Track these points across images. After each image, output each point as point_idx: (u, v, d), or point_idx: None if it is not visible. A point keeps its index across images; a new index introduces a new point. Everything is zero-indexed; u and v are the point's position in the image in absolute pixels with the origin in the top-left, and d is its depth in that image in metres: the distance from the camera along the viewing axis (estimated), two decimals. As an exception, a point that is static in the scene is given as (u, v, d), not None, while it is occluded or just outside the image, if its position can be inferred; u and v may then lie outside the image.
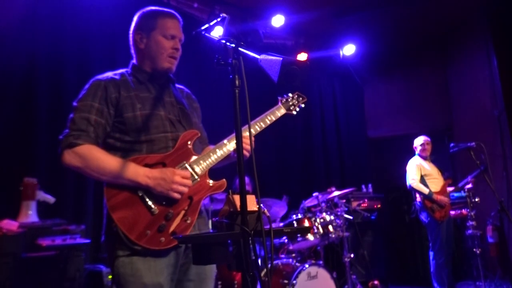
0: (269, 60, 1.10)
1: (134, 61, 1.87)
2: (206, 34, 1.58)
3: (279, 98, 2.10)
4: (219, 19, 1.68)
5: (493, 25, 5.70)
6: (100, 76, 1.77)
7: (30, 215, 3.29)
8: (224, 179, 1.76)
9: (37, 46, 4.08)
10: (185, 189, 1.61)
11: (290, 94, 2.13)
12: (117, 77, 1.77)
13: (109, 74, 1.80)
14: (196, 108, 2.00)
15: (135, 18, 1.87)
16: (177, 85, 1.96)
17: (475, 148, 4.22)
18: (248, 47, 1.31)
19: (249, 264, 1.12)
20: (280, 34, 6.09)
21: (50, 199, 3.49)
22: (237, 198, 1.21)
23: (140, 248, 1.53)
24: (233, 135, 1.79)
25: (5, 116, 3.81)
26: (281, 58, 1.07)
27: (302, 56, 6.29)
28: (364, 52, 6.56)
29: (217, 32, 4.42)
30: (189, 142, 1.73)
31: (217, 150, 1.77)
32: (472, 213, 4.29)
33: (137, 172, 1.57)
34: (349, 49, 6.41)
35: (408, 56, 6.68)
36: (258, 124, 1.94)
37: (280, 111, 2.05)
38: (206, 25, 1.66)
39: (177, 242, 1.54)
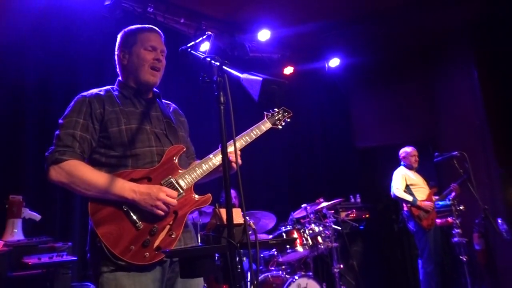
0: (250, 79, 1.15)
1: (120, 78, 1.91)
2: (192, 52, 1.62)
3: (265, 113, 2.15)
4: (204, 37, 1.72)
5: (474, 38, 5.89)
6: (84, 93, 1.79)
7: (15, 233, 3.24)
8: (209, 194, 1.76)
9: (26, 64, 4.08)
10: (166, 208, 1.61)
11: (276, 109, 2.17)
12: (102, 93, 1.80)
13: (94, 90, 1.82)
14: (183, 122, 2.02)
15: (118, 38, 1.93)
16: (164, 100, 1.99)
17: (459, 157, 4.32)
18: (234, 62, 1.36)
19: (236, 277, 1.14)
20: (267, 48, 6.19)
21: (36, 216, 3.45)
22: (223, 212, 1.23)
23: (124, 264, 1.54)
24: (219, 150, 1.81)
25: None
26: (261, 78, 1.11)
27: (288, 69, 6.40)
28: (350, 64, 6.69)
29: (205, 47, 4.48)
30: (174, 157, 1.75)
31: (203, 164, 1.80)
32: (458, 221, 4.37)
33: (123, 187, 1.58)
34: (334, 62, 6.54)
35: (394, 68, 6.82)
36: (244, 138, 1.98)
37: (266, 126, 2.09)
38: (192, 43, 1.69)
39: (164, 256, 1.55)
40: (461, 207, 4.42)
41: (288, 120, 2.21)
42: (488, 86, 5.72)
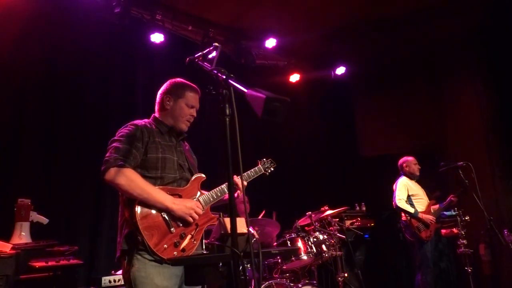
0: (254, 95, 1.17)
1: (156, 114, 2.36)
2: (199, 62, 1.65)
3: (259, 160, 2.74)
4: (211, 48, 1.75)
5: (480, 47, 5.89)
6: (136, 122, 2.24)
7: (23, 236, 3.29)
8: (220, 213, 2.16)
9: (31, 68, 4.16)
10: (197, 216, 2.08)
11: (264, 159, 2.78)
12: (148, 125, 2.25)
13: (141, 122, 2.26)
14: (194, 159, 2.50)
15: (167, 83, 2.36)
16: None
17: (464, 167, 4.30)
18: (240, 70, 1.40)
19: (239, 285, 1.16)
20: (273, 55, 6.24)
21: (44, 220, 3.50)
22: (227, 221, 1.26)
23: (157, 258, 1.92)
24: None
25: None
26: (264, 96, 1.14)
27: (294, 77, 6.43)
28: (356, 72, 6.71)
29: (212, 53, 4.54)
30: (198, 183, 2.26)
31: (218, 192, 2.29)
32: (463, 232, 4.34)
33: (165, 198, 2.03)
34: (340, 70, 6.56)
35: (399, 76, 6.81)
36: (243, 176, 2.33)
37: (260, 170, 2.69)
38: (200, 53, 1.73)
39: (170, 264, 1.64)
40: (466, 218, 4.39)
41: (273, 169, 2.80)
42: (494, 95, 5.71)
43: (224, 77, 1.38)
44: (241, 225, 1.26)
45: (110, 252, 4.05)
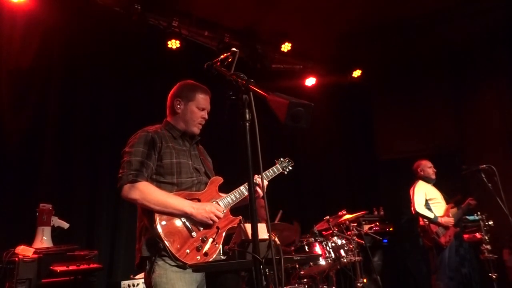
0: (277, 101, 1.16)
1: (168, 119, 2.31)
2: (217, 68, 1.66)
3: (276, 160, 2.70)
4: (229, 53, 1.75)
5: (502, 47, 5.75)
6: (146, 128, 2.20)
7: (45, 240, 3.35)
8: (240, 216, 2.18)
9: (51, 82, 4.26)
10: (217, 219, 2.07)
11: (282, 159, 2.73)
12: (159, 130, 2.22)
13: (152, 128, 2.22)
14: (210, 161, 2.48)
15: (176, 86, 2.31)
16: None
17: (487, 170, 4.19)
18: (257, 74, 1.39)
19: (261, 291, 1.15)
20: (288, 59, 6.22)
21: (65, 224, 3.56)
22: (248, 227, 1.25)
23: (180, 263, 1.92)
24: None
25: (21, 144, 3.94)
26: (288, 101, 1.13)
27: (310, 81, 6.40)
28: (373, 75, 6.63)
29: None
30: (216, 185, 2.24)
31: (236, 194, 2.26)
32: (487, 237, 4.22)
33: (183, 203, 2.02)
34: (356, 73, 6.49)
35: (418, 78, 6.71)
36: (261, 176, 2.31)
37: (278, 169, 2.65)
38: (217, 59, 1.73)
39: (192, 270, 1.64)
40: (490, 223, 4.26)
41: (290, 168, 2.73)
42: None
43: (244, 82, 1.38)
44: (262, 231, 1.25)
45: (129, 257, 4.09)
